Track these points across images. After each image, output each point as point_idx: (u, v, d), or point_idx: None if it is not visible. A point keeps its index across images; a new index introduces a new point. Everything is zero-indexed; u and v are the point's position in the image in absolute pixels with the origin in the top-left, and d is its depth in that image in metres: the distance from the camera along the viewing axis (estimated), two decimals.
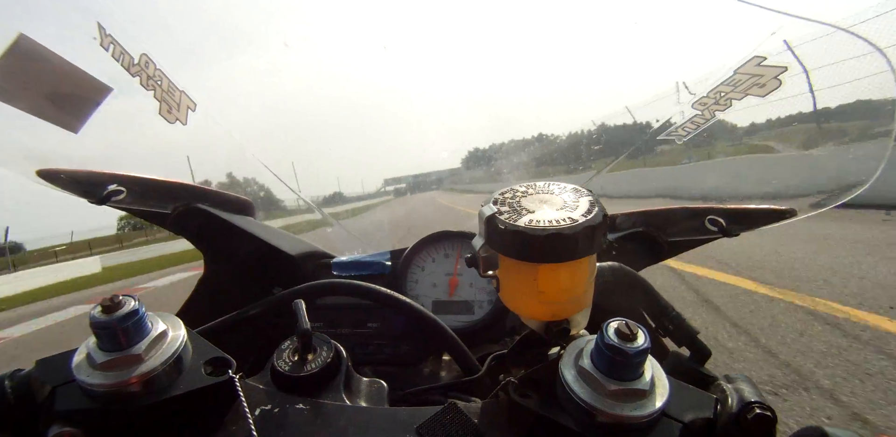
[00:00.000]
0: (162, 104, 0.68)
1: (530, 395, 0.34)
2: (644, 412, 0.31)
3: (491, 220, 0.33)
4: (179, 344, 0.36)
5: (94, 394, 0.33)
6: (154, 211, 0.71)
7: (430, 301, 0.84)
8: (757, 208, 0.72)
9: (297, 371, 0.39)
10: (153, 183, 0.71)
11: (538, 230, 0.31)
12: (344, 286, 0.63)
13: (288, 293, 0.61)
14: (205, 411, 0.35)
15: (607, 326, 0.32)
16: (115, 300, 0.33)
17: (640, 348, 0.31)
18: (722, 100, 0.67)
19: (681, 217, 0.77)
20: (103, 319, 0.33)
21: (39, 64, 0.59)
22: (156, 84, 0.68)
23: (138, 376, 0.33)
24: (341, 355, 0.41)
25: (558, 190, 0.37)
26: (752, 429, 0.31)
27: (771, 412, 0.31)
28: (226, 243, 0.77)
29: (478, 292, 0.84)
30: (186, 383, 0.34)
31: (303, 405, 0.36)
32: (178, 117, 0.70)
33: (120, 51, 0.64)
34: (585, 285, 0.37)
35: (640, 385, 0.31)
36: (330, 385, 0.39)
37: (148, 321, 0.35)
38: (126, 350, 0.33)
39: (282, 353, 0.41)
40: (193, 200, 0.74)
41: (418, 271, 0.86)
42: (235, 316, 0.60)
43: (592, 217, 0.32)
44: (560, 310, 0.38)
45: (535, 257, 0.33)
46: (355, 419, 0.36)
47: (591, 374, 0.32)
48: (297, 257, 0.80)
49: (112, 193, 0.64)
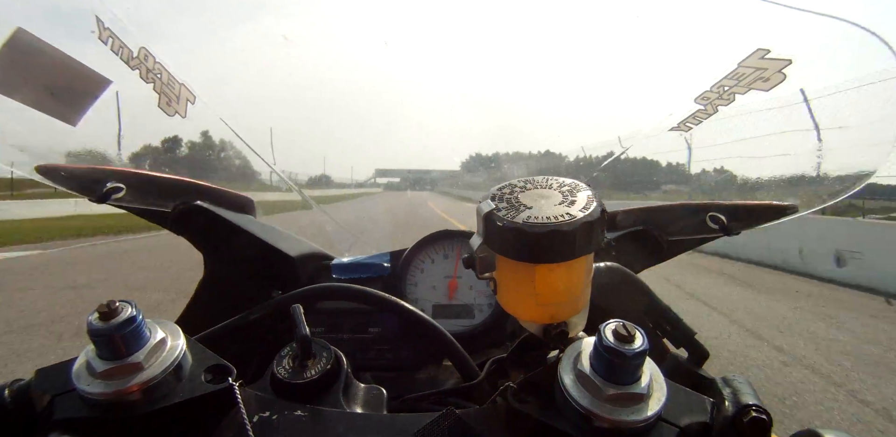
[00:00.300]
0: (161, 97, 0.68)
1: (528, 400, 0.34)
2: (641, 416, 0.31)
3: (489, 216, 0.33)
4: (179, 352, 0.36)
5: (94, 403, 0.33)
6: (154, 209, 0.71)
7: (429, 305, 0.84)
8: (758, 204, 0.72)
9: (296, 378, 0.39)
10: (153, 179, 0.71)
11: (536, 227, 0.31)
12: (343, 291, 0.63)
13: (287, 298, 0.61)
14: (204, 418, 0.35)
15: (605, 327, 0.32)
16: (111, 307, 0.33)
17: (637, 350, 0.31)
18: (725, 94, 0.67)
19: (681, 214, 0.76)
20: (101, 326, 0.33)
21: (38, 57, 0.59)
22: (155, 77, 0.68)
23: (138, 384, 0.33)
24: (341, 361, 0.41)
25: (556, 184, 0.37)
26: (748, 433, 0.30)
27: (767, 415, 0.31)
28: (226, 244, 0.76)
29: (478, 295, 0.84)
30: (186, 390, 0.34)
31: (301, 412, 0.36)
32: (178, 110, 0.70)
33: (119, 44, 0.64)
34: (583, 285, 0.37)
35: (638, 389, 0.31)
36: (329, 392, 0.39)
37: (146, 328, 0.35)
38: (126, 358, 0.33)
39: (281, 359, 0.41)
40: (194, 198, 0.73)
41: (418, 273, 0.86)
42: (235, 322, 0.60)
43: (590, 212, 0.32)
44: (558, 312, 0.38)
45: (532, 257, 0.33)
46: (353, 426, 0.36)
47: (589, 378, 0.32)
48: (297, 258, 0.80)
49: (112, 190, 0.63)
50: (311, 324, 0.42)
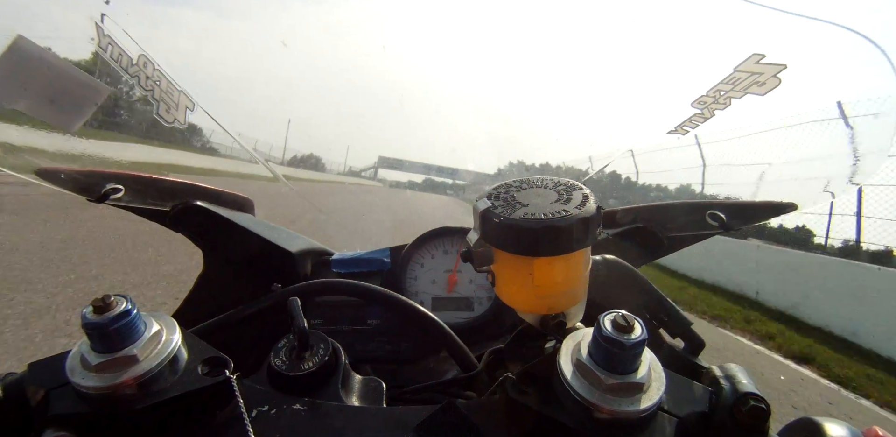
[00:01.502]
0: (160, 104, 0.68)
1: (528, 391, 0.34)
2: (641, 406, 0.30)
3: (486, 214, 0.33)
4: (175, 344, 0.35)
5: (89, 397, 0.32)
6: (153, 209, 0.71)
7: (429, 298, 0.84)
8: (757, 203, 0.72)
9: (293, 370, 0.38)
10: (151, 181, 0.72)
11: (533, 223, 0.31)
12: (341, 285, 0.63)
13: (285, 292, 0.61)
14: (201, 412, 0.35)
15: (604, 318, 0.32)
16: (106, 300, 0.33)
17: (637, 340, 0.30)
18: (721, 98, 0.67)
19: (681, 212, 0.77)
20: (95, 320, 0.32)
21: (37, 65, 0.59)
22: (154, 84, 0.68)
23: (134, 377, 0.32)
24: (338, 353, 0.41)
25: (552, 184, 0.37)
26: (747, 421, 0.30)
27: (765, 403, 0.31)
28: (225, 241, 0.76)
29: (477, 288, 0.84)
30: (183, 384, 0.34)
31: (299, 405, 0.36)
32: (177, 117, 0.70)
33: (118, 52, 0.64)
34: (581, 278, 0.37)
35: (638, 379, 0.31)
36: (327, 384, 0.39)
37: (141, 321, 0.35)
38: (121, 351, 0.33)
39: (278, 352, 0.40)
40: (192, 198, 0.74)
41: (417, 267, 0.86)
42: (232, 315, 0.60)
43: (586, 209, 0.32)
44: (555, 303, 0.37)
45: (530, 251, 0.33)
46: (352, 418, 0.36)
47: (588, 367, 0.32)
48: (297, 253, 0.80)
49: (110, 191, 0.64)
50: (309, 316, 0.42)
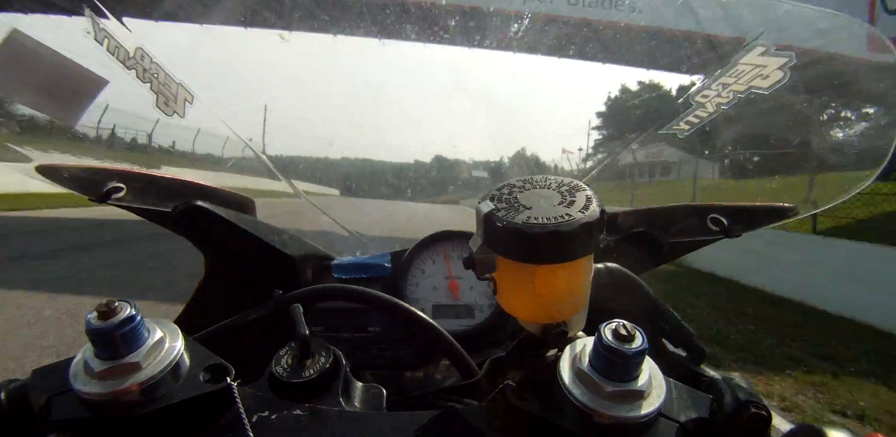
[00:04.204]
0: (159, 96, 0.68)
1: (528, 398, 0.34)
2: (641, 412, 0.31)
3: (488, 217, 0.33)
4: (178, 351, 0.36)
5: (92, 403, 0.32)
6: (155, 209, 0.71)
7: (430, 305, 0.84)
8: (759, 206, 0.71)
9: (294, 377, 0.39)
10: (153, 179, 0.71)
11: (536, 227, 0.31)
12: (342, 291, 0.63)
13: (287, 298, 0.61)
14: (203, 418, 0.35)
15: (605, 327, 0.32)
16: (111, 306, 0.33)
17: (637, 349, 0.31)
18: (724, 92, 0.66)
19: (682, 216, 0.76)
20: (100, 325, 0.32)
21: (34, 58, 0.60)
22: (152, 77, 0.68)
23: (136, 384, 0.33)
24: (339, 360, 0.41)
25: (555, 184, 0.36)
26: (748, 429, 0.31)
27: (766, 411, 0.31)
28: (227, 244, 0.76)
29: (478, 295, 0.84)
30: (185, 390, 0.34)
31: (300, 412, 0.36)
32: (176, 110, 0.70)
33: (115, 45, 0.64)
34: (583, 286, 0.37)
35: (638, 386, 0.31)
36: (328, 391, 0.39)
37: (145, 328, 0.35)
38: (124, 358, 0.33)
39: (280, 359, 0.40)
40: (194, 198, 0.73)
41: (419, 273, 0.86)
42: (234, 321, 0.60)
43: (590, 213, 0.32)
44: (557, 312, 0.37)
45: (532, 258, 0.32)
46: (353, 424, 0.36)
47: (588, 376, 0.32)
48: (298, 258, 0.80)
49: (112, 190, 0.63)
50: (310, 323, 0.42)
